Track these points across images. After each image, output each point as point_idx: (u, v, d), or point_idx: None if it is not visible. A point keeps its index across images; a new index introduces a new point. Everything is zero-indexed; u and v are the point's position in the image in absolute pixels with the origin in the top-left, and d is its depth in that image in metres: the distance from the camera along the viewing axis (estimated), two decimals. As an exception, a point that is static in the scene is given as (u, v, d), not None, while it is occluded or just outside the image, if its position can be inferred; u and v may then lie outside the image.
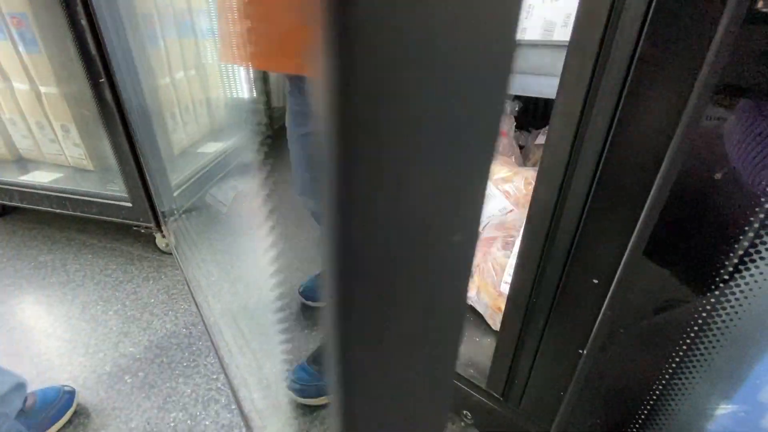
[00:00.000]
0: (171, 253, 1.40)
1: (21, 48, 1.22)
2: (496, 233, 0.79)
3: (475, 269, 0.80)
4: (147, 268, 1.42)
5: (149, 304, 1.28)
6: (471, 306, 0.79)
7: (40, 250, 1.47)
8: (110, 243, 1.52)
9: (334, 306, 0.11)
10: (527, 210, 0.80)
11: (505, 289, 0.74)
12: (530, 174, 0.80)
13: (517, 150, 1.09)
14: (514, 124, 1.06)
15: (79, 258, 1.44)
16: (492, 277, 0.76)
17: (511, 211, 0.83)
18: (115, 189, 1.28)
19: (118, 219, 1.31)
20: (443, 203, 0.11)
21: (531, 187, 0.82)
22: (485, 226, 0.86)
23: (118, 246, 1.51)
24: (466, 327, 0.82)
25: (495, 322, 0.78)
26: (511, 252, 0.74)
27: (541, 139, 1.15)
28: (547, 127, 1.12)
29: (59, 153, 1.42)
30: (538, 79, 0.60)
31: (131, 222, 1.31)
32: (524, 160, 1.10)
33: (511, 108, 1.13)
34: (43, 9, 1.11)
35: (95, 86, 1.02)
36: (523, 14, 0.68)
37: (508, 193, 0.82)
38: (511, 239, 0.75)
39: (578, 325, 0.48)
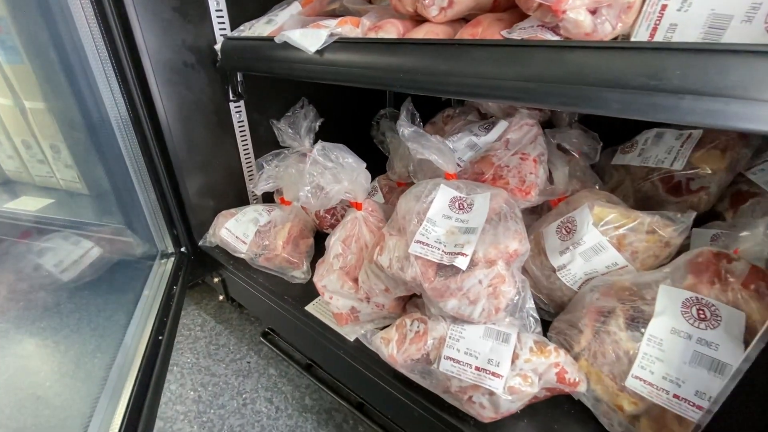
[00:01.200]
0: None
1: (1, 57, 1.04)
2: (611, 302, 0.58)
3: (574, 342, 0.60)
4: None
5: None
6: (564, 392, 0.58)
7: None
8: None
9: None
10: (647, 268, 0.58)
11: (635, 385, 0.53)
12: (651, 221, 0.60)
13: (596, 176, 0.88)
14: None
15: (74, 296, 1.24)
16: (612, 365, 0.55)
17: (623, 267, 0.62)
18: (111, 221, 1.09)
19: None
20: None
21: (655, 238, 0.62)
22: (584, 285, 0.65)
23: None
24: (560, 420, 0.61)
25: (611, 424, 0.57)
26: (644, 332, 0.53)
27: (620, 159, 0.94)
28: (631, 143, 0.90)
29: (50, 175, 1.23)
30: (695, 101, 0.39)
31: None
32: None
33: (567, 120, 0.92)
34: (23, 12, 0.93)
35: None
36: (672, 5, 0.47)
37: (620, 243, 0.61)
38: (639, 313, 0.55)
39: None
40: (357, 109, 1.36)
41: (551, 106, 0.45)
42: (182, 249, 1.03)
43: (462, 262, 0.56)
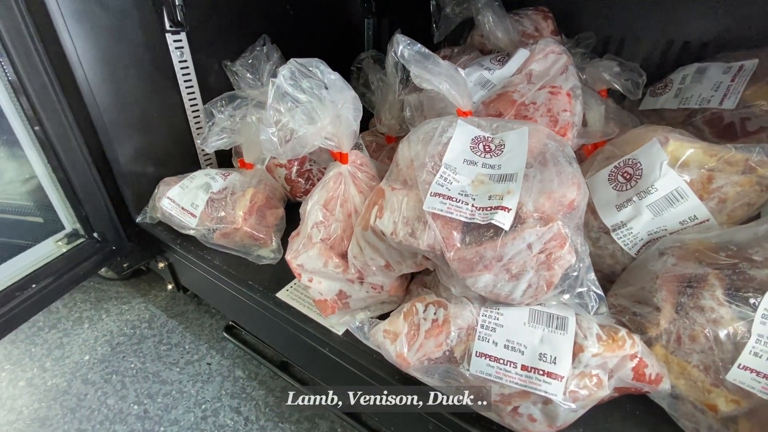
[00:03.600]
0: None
1: None
2: (696, 267, 0.43)
3: (648, 323, 0.44)
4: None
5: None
6: (640, 392, 0.43)
7: None
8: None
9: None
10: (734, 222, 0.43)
11: (742, 378, 0.38)
12: (749, 156, 0.44)
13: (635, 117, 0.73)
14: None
15: None
16: (705, 352, 0.40)
17: (702, 222, 0.47)
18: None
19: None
20: None
21: (753, 180, 0.47)
22: (644, 249, 0.50)
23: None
24: (623, 425, 0.46)
25: (697, 429, 0.43)
26: (756, 306, 0.38)
27: (651, 102, 0.79)
28: (663, 83, 0.73)
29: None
30: None
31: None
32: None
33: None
34: None
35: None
36: None
37: (704, 188, 0.46)
38: (744, 280, 0.39)
39: None
40: (332, 54, 1.14)
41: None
42: (95, 233, 0.80)
43: (504, 219, 0.39)
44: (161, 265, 0.85)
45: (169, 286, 0.90)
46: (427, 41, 0.86)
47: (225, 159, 0.96)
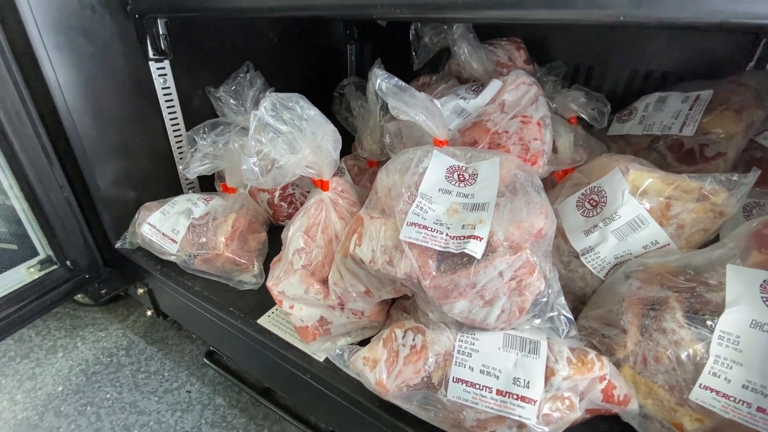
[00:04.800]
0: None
1: None
2: (659, 290, 0.45)
3: (615, 345, 0.46)
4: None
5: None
6: (609, 413, 0.45)
7: None
8: None
9: None
10: (693, 246, 0.46)
11: (703, 398, 0.40)
12: (702, 185, 0.48)
13: (602, 144, 0.77)
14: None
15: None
16: (669, 373, 0.42)
17: (664, 246, 0.50)
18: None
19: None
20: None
21: (706, 207, 0.50)
22: (612, 272, 0.52)
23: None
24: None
25: (666, 447, 0.44)
26: (713, 327, 0.40)
27: (618, 128, 0.84)
28: (628, 111, 0.79)
29: None
30: None
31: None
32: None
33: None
34: None
35: None
36: None
37: (663, 215, 0.49)
38: (702, 303, 0.42)
39: None
40: (315, 79, 1.17)
41: (612, 9, 0.30)
42: (67, 261, 0.78)
43: (476, 248, 0.41)
44: (140, 291, 0.84)
45: (149, 313, 0.89)
46: (408, 67, 0.90)
47: (207, 183, 0.97)
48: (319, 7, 0.47)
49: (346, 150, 0.98)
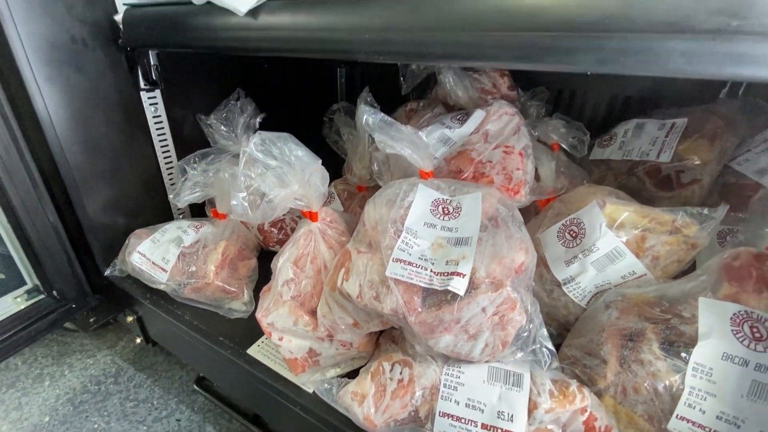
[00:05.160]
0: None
1: None
2: (636, 321, 0.47)
3: (596, 375, 0.47)
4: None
5: None
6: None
7: None
8: None
9: None
10: (668, 276, 0.48)
11: (680, 428, 0.42)
12: (674, 218, 0.50)
13: (583, 171, 0.80)
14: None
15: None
16: (648, 403, 0.44)
17: (641, 276, 0.51)
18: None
19: None
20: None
21: (679, 239, 0.52)
22: (593, 300, 0.54)
23: None
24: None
25: (648, 475, 0.46)
26: (687, 359, 0.42)
27: (599, 153, 0.86)
28: (609, 136, 0.82)
29: None
30: (739, 45, 0.28)
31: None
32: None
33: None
34: None
35: None
36: None
37: (639, 247, 0.51)
38: (677, 335, 0.44)
39: None
40: (305, 103, 1.19)
41: (583, 64, 0.33)
42: (54, 291, 0.78)
43: (459, 285, 0.42)
44: (130, 318, 0.83)
45: (138, 340, 0.88)
46: (396, 91, 0.92)
47: (198, 208, 0.97)
48: (305, 49, 0.49)
49: (337, 173, 1.00)
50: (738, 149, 0.76)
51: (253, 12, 0.51)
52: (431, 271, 0.45)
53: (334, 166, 0.99)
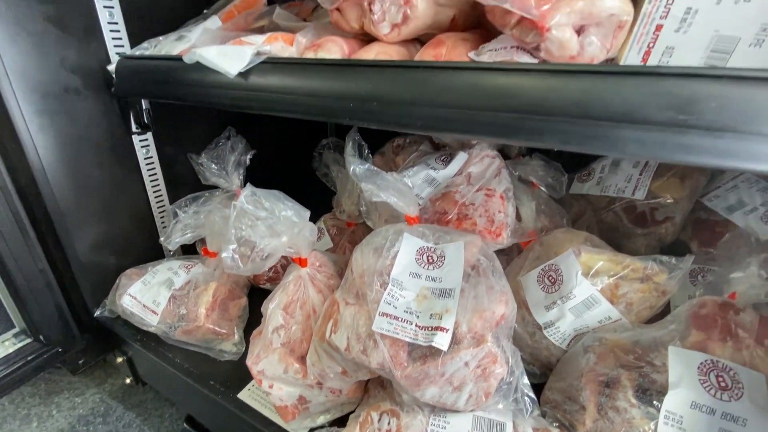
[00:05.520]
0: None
1: None
2: (613, 367, 0.49)
3: (576, 420, 0.49)
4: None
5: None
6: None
7: None
8: None
9: None
10: (643, 320, 0.51)
11: (656, 474, 0.44)
12: (644, 266, 0.52)
13: (562, 209, 0.83)
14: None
15: None
16: (625, 449, 0.45)
17: (617, 320, 0.54)
18: None
19: None
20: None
21: (650, 287, 0.55)
22: (573, 342, 0.56)
23: None
24: None
25: None
26: (659, 407, 0.44)
27: (579, 188, 0.90)
28: (587, 171, 0.86)
29: None
30: (685, 136, 0.31)
31: None
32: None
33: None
34: None
35: None
36: (669, 25, 0.39)
37: (613, 294, 0.53)
38: (649, 383, 0.46)
39: None
40: (295, 138, 1.22)
41: (548, 143, 0.35)
42: (40, 336, 0.78)
43: (442, 341, 0.44)
44: (119, 359, 0.83)
45: (128, 380, 0.88)
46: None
47: (189, 245, 0.98)
48: (293, 111, 0.51)
49: (327, 207, 1.02)
50: (709, 185, 0.79)
51: (244, 74, 0.53)
52: (416, 325, 0.46)
53: (324, 197, 1.02)
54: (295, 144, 1.20)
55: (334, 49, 0.52)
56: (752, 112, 0.28)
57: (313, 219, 0.99)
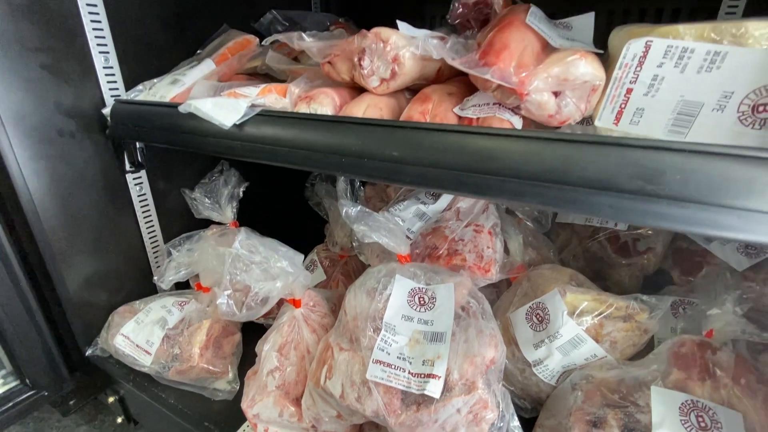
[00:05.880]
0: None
1: None
2: (600, 406, 0.50)
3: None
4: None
5: None
6: None
7: None
8: None
9: None
10: (627, 357, 0.53)
11: None
12: (626, 305, 0.55)
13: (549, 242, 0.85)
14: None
15: None
16: (613, 489, 0.47)
17: (602, 357, 0.56)
18: None
19: None
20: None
21: (633, 326, 0.57)
22: (562, 378, 0.58)
23: None
24: None
25: None
26: (644, 449, 0.46)
27: (564, 217, 0.93)
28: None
29: None
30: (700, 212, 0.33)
31: None
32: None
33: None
34: None
35: None
36: (638, 89, 0.42)
37: (598, 333, 0.55)
38: (635, 422, 0.47)
39: None
40: (288, 168, 1.23)
41: (528, 203, 0.38)
42: (27, 380, 0.77)
43: (435, 389, 0.45)
44: (111, 399, 0.82)
45: (119, 420, 0.87)
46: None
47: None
48: (287, 162, 0.53)
49: (320, 234, 1.03)
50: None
51: (239, 124, 0.55)
52: (409, 372, 0.48)
53: (317, 226, 1.03)
54: (288, 175, 1.22)
55: (326, 101, 0.55)
56: (714, 185, 0.31)
57: (307, 248, 1.00)
